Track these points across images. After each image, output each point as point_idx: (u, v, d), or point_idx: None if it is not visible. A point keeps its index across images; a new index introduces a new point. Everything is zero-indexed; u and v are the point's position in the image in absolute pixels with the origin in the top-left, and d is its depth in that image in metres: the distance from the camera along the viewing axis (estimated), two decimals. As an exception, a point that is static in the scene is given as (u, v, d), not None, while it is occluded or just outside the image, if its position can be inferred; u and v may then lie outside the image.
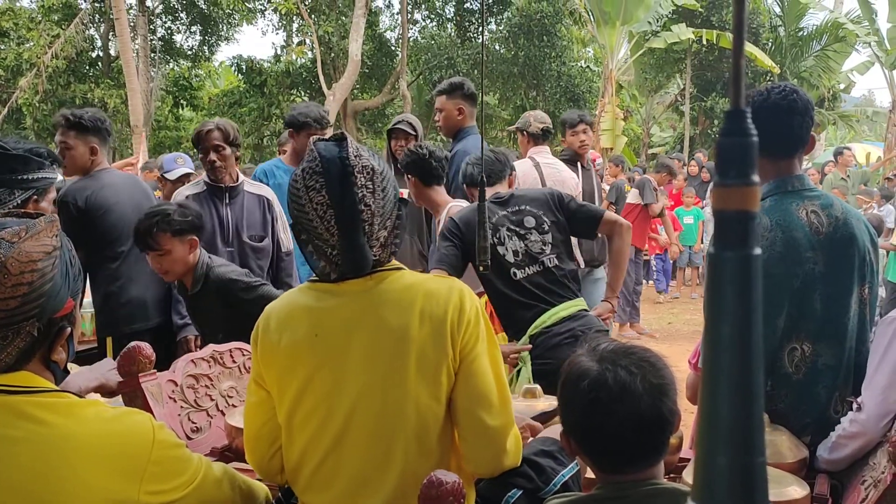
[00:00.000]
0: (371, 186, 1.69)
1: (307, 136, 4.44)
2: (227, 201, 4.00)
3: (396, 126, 4.72)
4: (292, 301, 1.81)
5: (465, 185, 3.77)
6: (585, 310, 3.41)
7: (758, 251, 0.61)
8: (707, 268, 0.64)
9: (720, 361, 0.61)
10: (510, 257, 3.35)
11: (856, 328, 2.37)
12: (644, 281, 10.13)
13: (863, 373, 2.23)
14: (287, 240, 4.15)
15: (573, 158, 5.58)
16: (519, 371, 3.28)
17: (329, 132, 4.57)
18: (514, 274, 3.33)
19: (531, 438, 2.03)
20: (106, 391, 2.38)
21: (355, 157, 1.70)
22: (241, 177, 4.12)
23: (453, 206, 3.73)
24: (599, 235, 3.80)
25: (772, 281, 2.25)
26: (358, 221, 1.67)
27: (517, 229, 3.39)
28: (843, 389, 2.36)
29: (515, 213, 3.43)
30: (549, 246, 3.41)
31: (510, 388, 3.27)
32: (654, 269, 10.72)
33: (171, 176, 5.32)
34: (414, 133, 4.68)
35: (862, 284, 2.38)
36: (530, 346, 3.27)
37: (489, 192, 3.55)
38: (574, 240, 3.65)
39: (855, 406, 2.15)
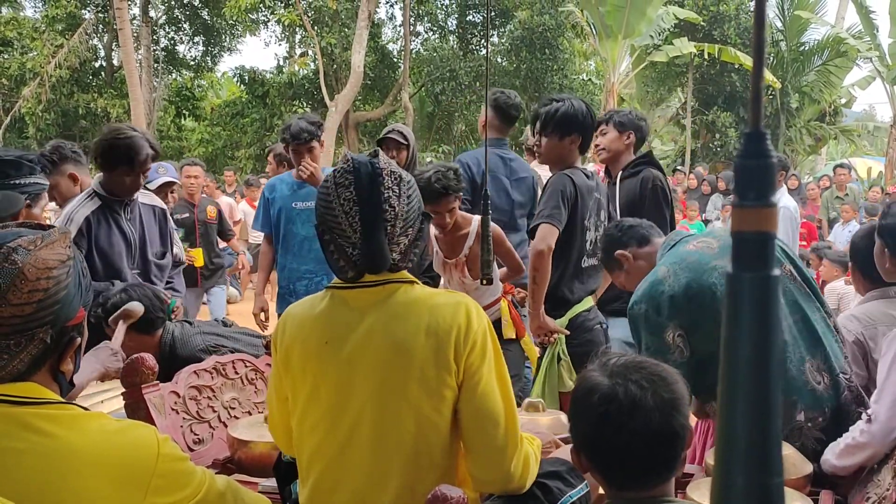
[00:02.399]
0: (397, 191, 1.75)
1: (293, 152, 4.40)
2: (128, 215, 3.52)
3: (387, 136, 4.66)
4: (309, 307, 1.84)
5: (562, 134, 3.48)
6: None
7: (777, 272, 0.61)
8: (725, 288, 0.64)
9: (738, 381, 0.61)
10: (588, 245, 3.44)
11: (792, 302, 2.49)
12: None
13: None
14: (179, 251, 3.88)
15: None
16: (556, 354, 3.38)
17: (320, 142, 4.45)
18: (584, 261, 3.45)
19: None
20: (106, 378, 2.39)
21: (385, 163, 1.78)
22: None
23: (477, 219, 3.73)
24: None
25: (699, 309, 2.41)
26: (381, 220, 1.72)
27: (596, 220, 3.48)
28: (810, 360, 2.43)
29: (598, 202, 3.49)
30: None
31: (546, 368, 3.37)
32: None
33: (152, 186, 5.21)
34: (405, 143, 4.59)
35: (780, 266, 2.51)
36: (568, 332, 3.39)
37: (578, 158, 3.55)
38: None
39: (865, 417, 2.14)
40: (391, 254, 1.74)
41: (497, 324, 3.59)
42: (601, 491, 1.69)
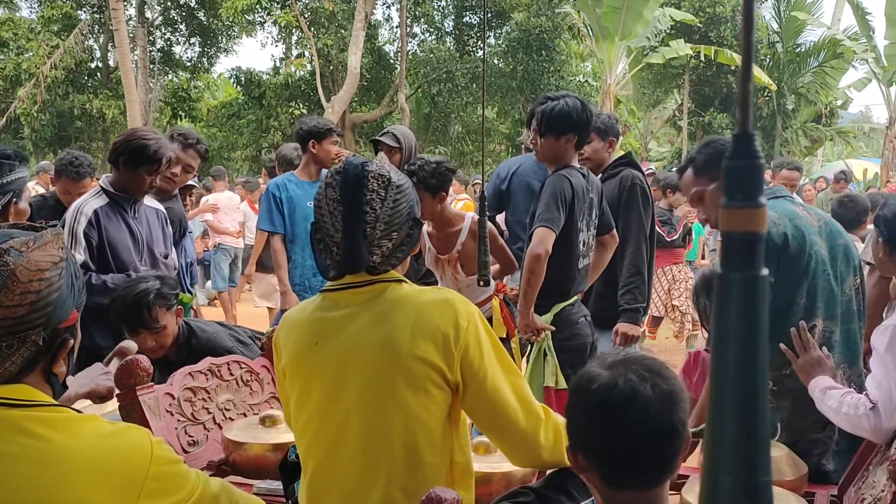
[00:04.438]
0: (382, 194, 1.77)
1: (331, 143, 4.70)
2: (134, 214, 3.59)
3: (380, 138, 4.71)
4: (301, 310, 1.88)
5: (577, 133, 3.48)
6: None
7: (765, 272, 0.61)
8: (714, 288, 0.64)
9: (726, 381, 0.61)
10: (582, 246, 3.48)
11: (855, 312, 2.61)
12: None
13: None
14: (174, 258, 3.92)
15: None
16: (543, 350, 3.43)
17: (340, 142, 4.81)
18: (580, 262, 3.49)
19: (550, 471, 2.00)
20: (96, 396, 2.36)
21: (376, 166, 1.81)
22: None
23: (476, 216, 3.74)
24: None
25: (788, 260, 2.46)
26: (360, 221, 1.74)
27: (588, 220, 3.51)
28: (846, 368, 2.57)
29: (590, 203, 3.50)
30: (594, 243, 3.60)
31: (532, 364, 3.42)
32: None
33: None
34: (398, 145, 4.60)
35: (854, 275, 2.63)
36: (554, 328, 3.44)
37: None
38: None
39: (869, 405, 2.13)
40: (371, 256, 1.76)
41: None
42: None
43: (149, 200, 3.77)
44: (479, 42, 22.23)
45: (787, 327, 2.37)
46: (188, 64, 24.74)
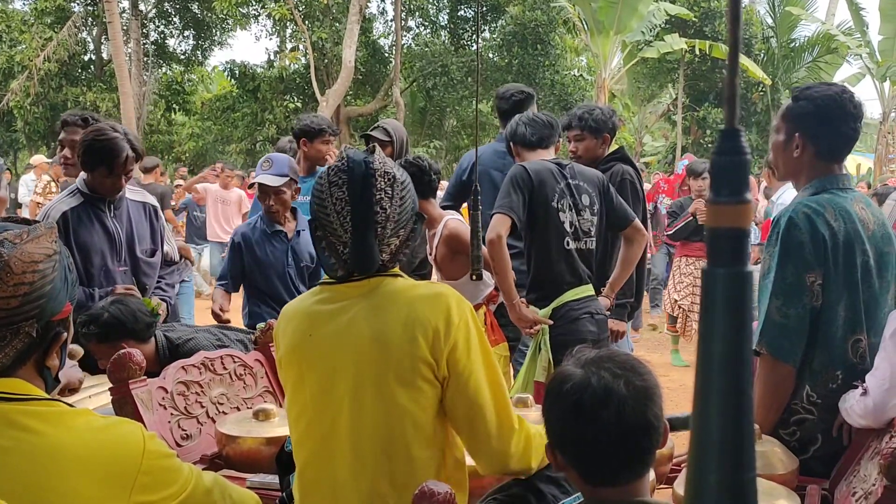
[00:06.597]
0: (390, 192, 1.76)
1: (322, 143, 4.65)
2: (112, 213, 3.42)
3: (371, 132, 4.71)
4: (299, 302, 1.89)
5: (511, 143, 3.63)
6: (594, 295, 3.52)
7: (750, 268, 0.61)
8: (702, 284, 0.64)
9: (711, 378, 0.61)
10: (567, 227, 3.40)
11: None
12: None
13: None
14: (172, 250, 3.80)
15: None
16: (538, 345, 3.36)
17: (335, 141, 4.80)
18: (568, 243, 3.40)
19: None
20: (70, 389, 2.37)
21: (380, 163, 1.79)
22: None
23: (450, 220, 3.71)
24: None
25: (836, 269, 2.31)
26: (371, 222, 1.74)
27: (574, 203, 3.43)
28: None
29: (575, 187, 3.44)
30: (594, 228, 3.49)
31: (529, 359, 3.37)
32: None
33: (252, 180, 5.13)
34: (389, 139, 4.59)
35: None
36: (551, 321, 3.35)
37: (542, 154, 3.55)
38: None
39: (860, 392, 2.16)
40: (381, 255, 1.76)
41: None
42: None
43: (134, 194, 3.59)
44: (474, 36, 22.22)
45: (829, 338, 2.32)
46: (182, 57, 24.67)
